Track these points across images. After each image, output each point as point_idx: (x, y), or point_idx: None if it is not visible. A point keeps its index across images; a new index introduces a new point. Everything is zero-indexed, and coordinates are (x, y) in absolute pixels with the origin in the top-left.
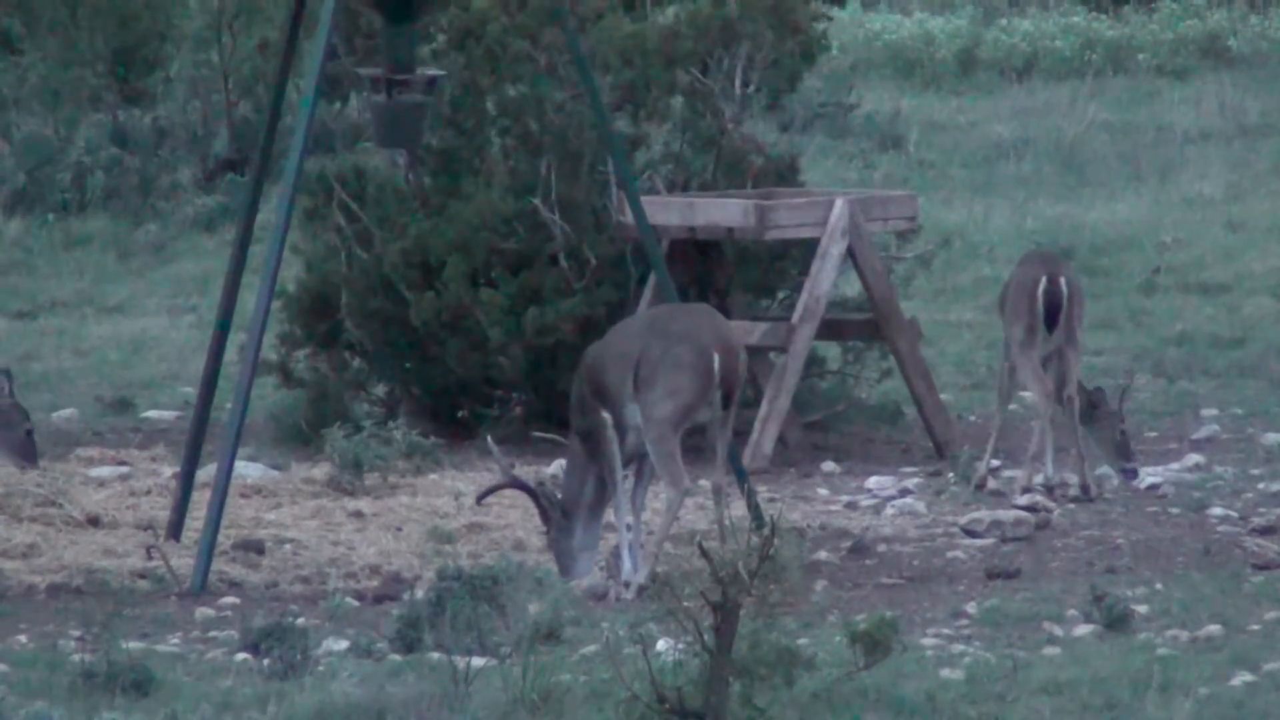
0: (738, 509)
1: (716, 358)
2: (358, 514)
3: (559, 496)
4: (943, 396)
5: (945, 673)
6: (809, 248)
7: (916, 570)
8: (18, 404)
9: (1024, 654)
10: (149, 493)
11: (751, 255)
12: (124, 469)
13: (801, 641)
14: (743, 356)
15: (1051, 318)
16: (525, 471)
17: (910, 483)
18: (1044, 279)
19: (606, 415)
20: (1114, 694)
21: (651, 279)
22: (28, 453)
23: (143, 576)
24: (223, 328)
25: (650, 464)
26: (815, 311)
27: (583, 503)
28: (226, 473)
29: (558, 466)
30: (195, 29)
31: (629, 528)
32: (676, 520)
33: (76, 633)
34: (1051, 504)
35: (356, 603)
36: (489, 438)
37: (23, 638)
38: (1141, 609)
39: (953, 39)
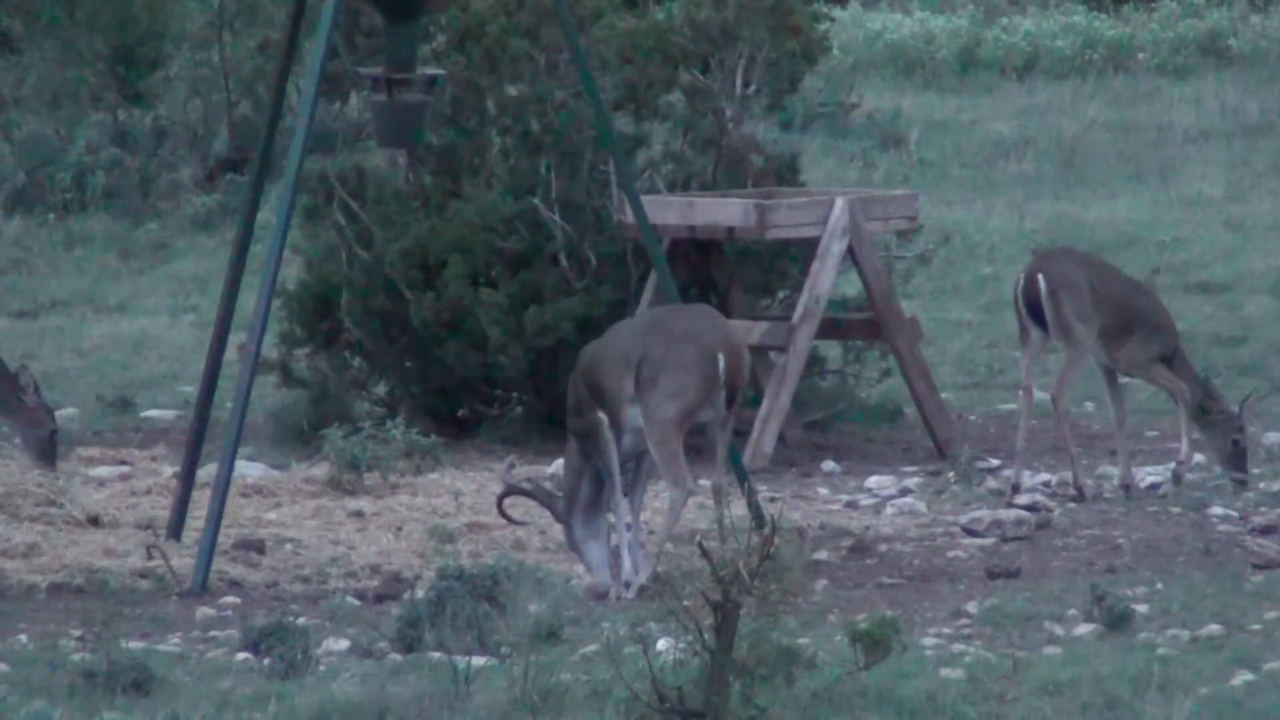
0: (738, 508)
1: (721, 358)
2: (358, 513)
3: (559, 495)
4: (943, 396)
5: (946, 672)
6: (809, 247)
7: (917, 570)
8: (44, 404)
9: (1024, 653)
10: (149, 492)
11: (752, 255)
12: (124, 468)
13: (802, 641)
14: (746, 357)
15: (1035, 315)
16: (525, 471)
17: (910, 482)
18: (1022, 276)
19: (603, 416)
20: (1114, 693)
21: (652, 278)
22: (49, 455)
23: (143, 576)
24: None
25: (648, 463)
26: (815, 311)
27: (580, 501)
28: (227, 472)
29: (558, 466)
30: (196, 28)
31: (628, 527)
32: (678, 520)
33: (77, 632)
34: (1051, 503)
35: (357, 602)
36: (510, 460)
37: (23, 637)
38: (1142, 608)
39: (953, 38)
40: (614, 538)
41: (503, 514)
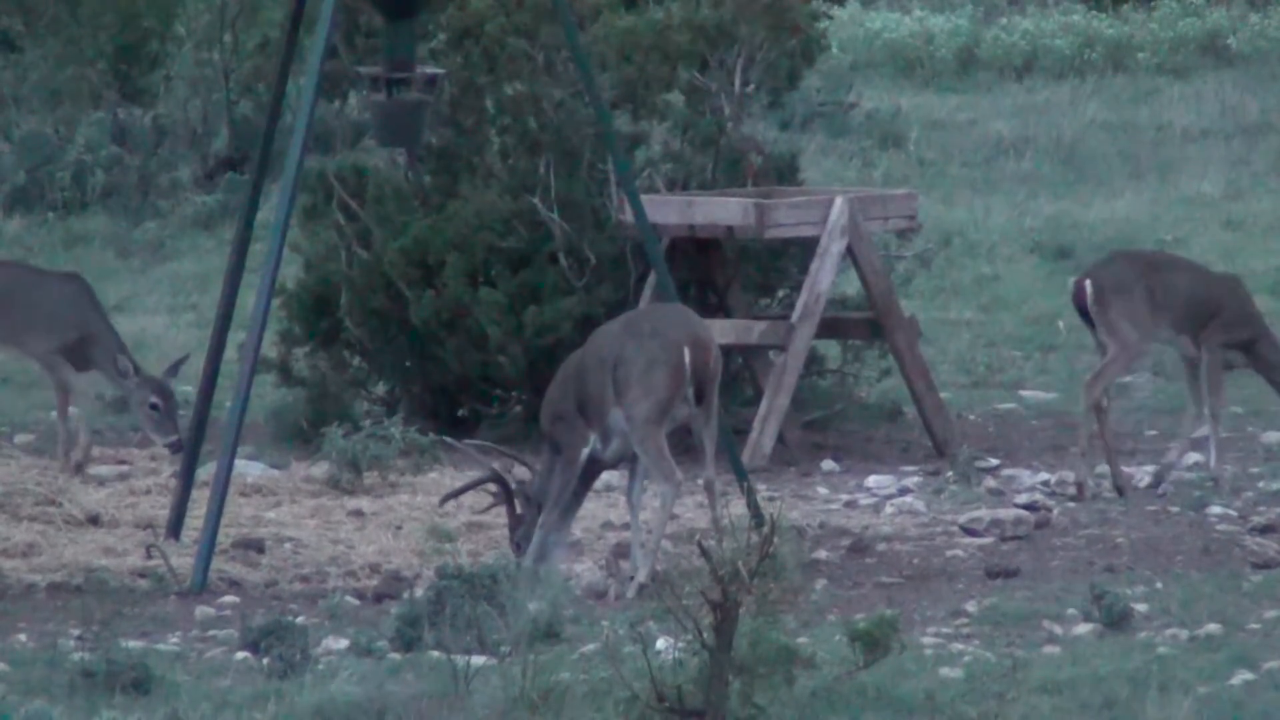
0: (737, 508)
1: (687, 352)
2: (357, 512)
3: (532, 493)
4: (942, 395)
5: (945, 671)
6: (809, 246)
7: (916, 569)
8: (147, 379)
9: (1023, 653)
10: (149, 491)
11: (751, 254)
12: (124, 468)
13: (801, 640)
14: (716, 352)
15: (1084, 316)
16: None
17: (910, 481)
18: (1074, 280)
19: (582, 423)
20: (1113, 693)
21: (651, 278)
22: (155, 424)
23: (142, 575)
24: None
25: (643, 463)
26: (815, 310)
27: (558, 502)
28: (226, 471)
29: None
30: (197, 28)
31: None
32: (675, 518)
33: (76, 631)
34: (1050, 502)
35: (356, 601)
36: (462, 441)
37: (23, 636)
38: (1141, 608)
39: (952, 37)
40: (615, 537)
41: (450, 496)
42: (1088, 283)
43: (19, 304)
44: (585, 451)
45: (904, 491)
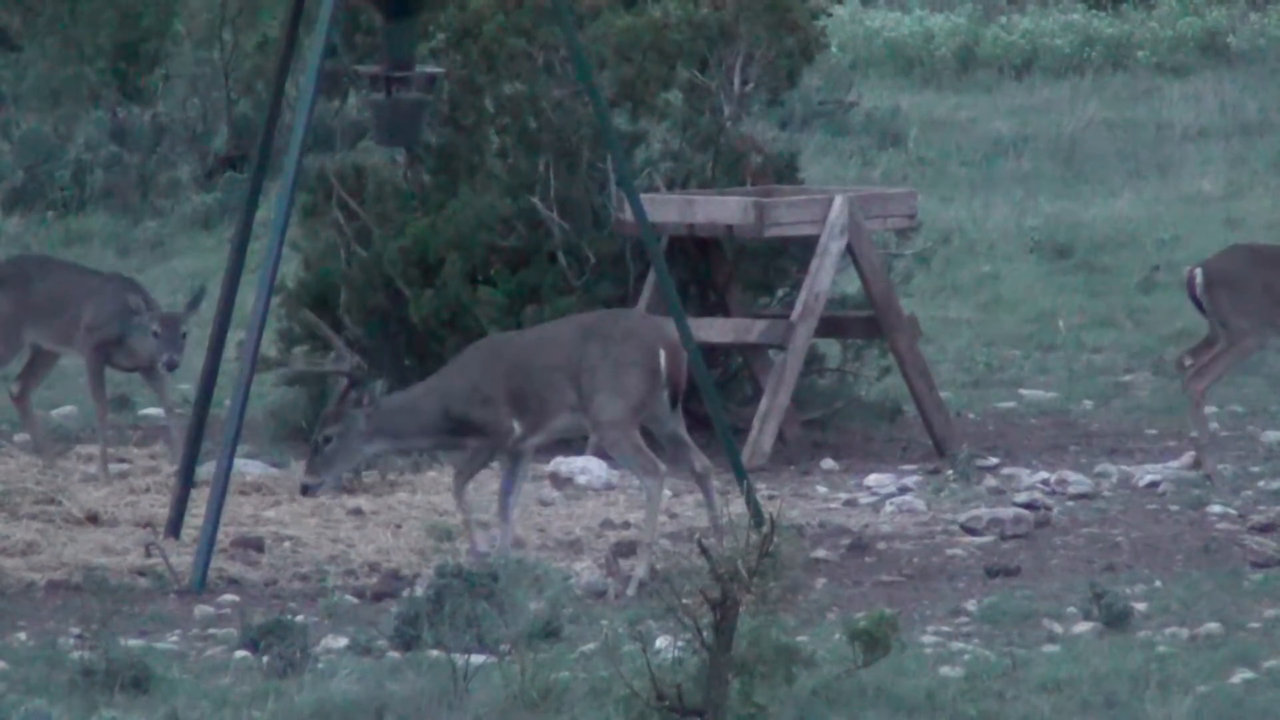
0: (737, 506)
1: (662, 353)
2: (357, 511)
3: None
4: (942, 394)
5: (945, 670)
6: (808, 245)
7: (916, 568)
8: (154, 311)
9: (1023, 651)
10: (148, 490)
11: (751, 253)
12: (123, 466)
13: (801, 639)
14: (684, 355)
15: (1199, 306)
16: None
17: (909, 480)
18: (1187, 269)
19: (507, 411)
20: (1113, 691)
21: (650, 276)
22: (160, 348)
23: (142, 574)
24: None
25: (523, 459)
26: (814, 309)
27: (467, 475)
28: (226, 470)
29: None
30: (197, 26)
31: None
32: (675, 516)
33: (75, 630)
34: (1050, 501)
35: (355, 600)
36: (304, 312)
37: (22, 635)
38: (1141, 606)
39: (952, 36)
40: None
41: (296, 378)
42: (1198, 272)
43: (71, 304)
44: (510, 440)
45: (904, 490)
